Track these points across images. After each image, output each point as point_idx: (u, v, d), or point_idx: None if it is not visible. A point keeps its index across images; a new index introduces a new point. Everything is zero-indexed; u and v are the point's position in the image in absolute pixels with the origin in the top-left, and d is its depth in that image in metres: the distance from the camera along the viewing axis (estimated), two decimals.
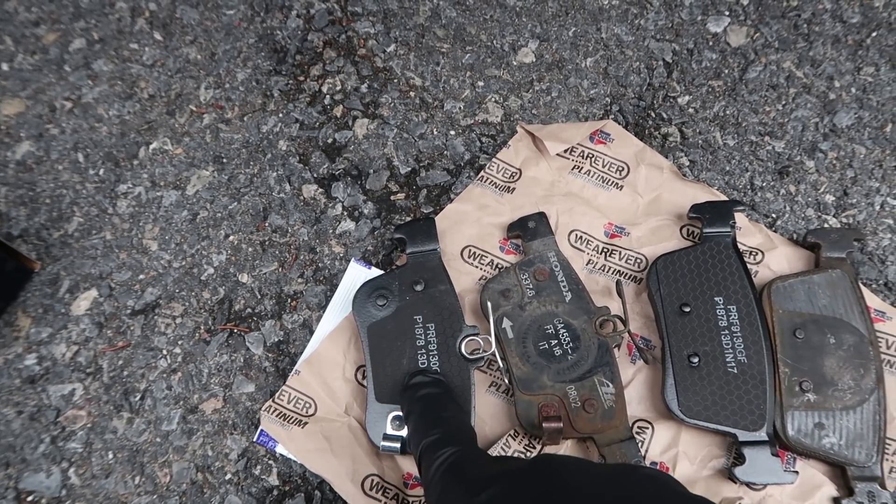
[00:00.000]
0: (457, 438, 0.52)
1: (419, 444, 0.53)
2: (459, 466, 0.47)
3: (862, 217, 0.77)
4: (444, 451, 0.49)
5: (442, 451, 0.50)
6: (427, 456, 0.51)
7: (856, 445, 0.63)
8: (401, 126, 0.85)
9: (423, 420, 0.56)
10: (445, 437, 0.52)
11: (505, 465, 0.45)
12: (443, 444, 0.51)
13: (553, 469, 0.41)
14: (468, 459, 0.48)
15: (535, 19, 0.91)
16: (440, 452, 0.50)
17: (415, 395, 0.61)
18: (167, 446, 0.70)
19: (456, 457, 0.49)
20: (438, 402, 0.59)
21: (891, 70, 0.84)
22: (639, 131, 0.83)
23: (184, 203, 0.82)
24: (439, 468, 0.48)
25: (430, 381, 0.63)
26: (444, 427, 0.53)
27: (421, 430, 0.55)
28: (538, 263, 0.72)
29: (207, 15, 0.95)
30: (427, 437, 0.53)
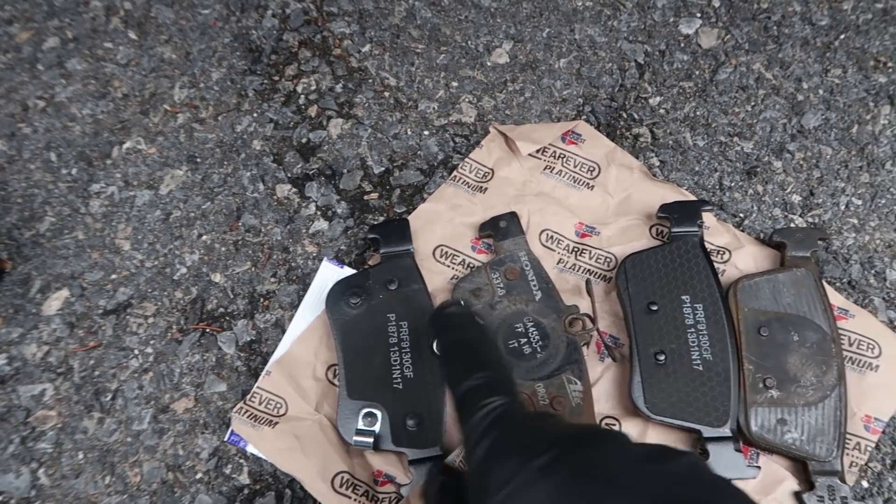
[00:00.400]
0: (503, 386, 0.48)
1: (461, 384, 0.49)
2: (509, 422, 0.44)
3: (827, 216, 0.78)
4: (492, 401, 0.46)
5: (489, 399, 0.46)
6: (471, 401, 0.47)
7: (817, 440, 0.64)
8: (375, 126, 0.86)
9: (465, 358, 0.52)
10: (492, 383, 0.48)
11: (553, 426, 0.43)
12: (489, 392, 0.47)
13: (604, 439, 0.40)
14: (517, 414, 0.45)
15: (510, 20, 0.92)
16: (488, 401, 0.46)
17: (452, 325, 0.57)
18: (138, 446, 0.70)
19: (503, 409, 0.45)
20: (480, 339, 0.55)
21: (857, 72, 0.86)
22: (610, 132, 0.84)
23: (157, 203, 0.82)
24: (486, 418, 0.45)
25: (467, 313, 0.59)
26: (489, 371, 0.50)
27: (462, 371, 0.50)
28: (509, 263, 0.73)
29: (182, 14, 0.95)
30: (470, 379, 0.49)
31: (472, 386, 0.48)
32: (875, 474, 0.67)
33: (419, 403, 0.67)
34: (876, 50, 0.87)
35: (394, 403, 0.67)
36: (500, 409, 0.45)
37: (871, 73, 0.86)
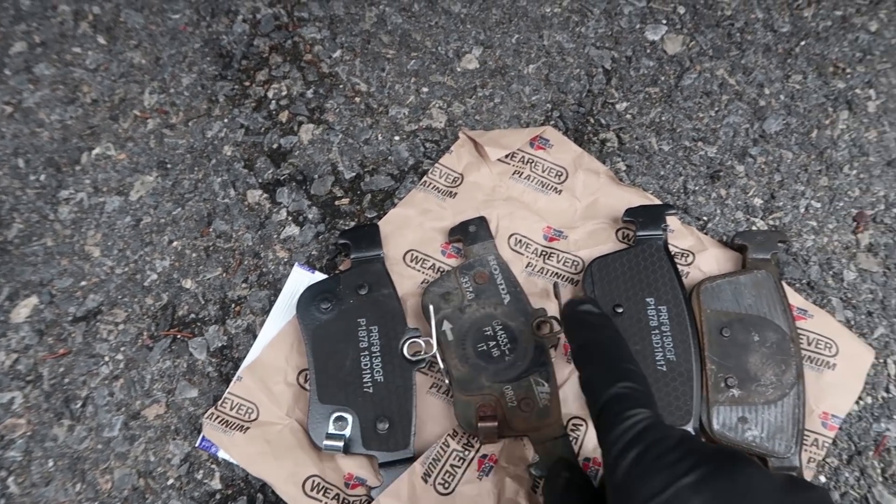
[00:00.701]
0: (647, 398, 0.48)
1: (603, 392, 0.49)
2: (654, 435, 0.44)
3: (788, 219, 0.80)
4: (637, 413, 0.46)
5: (634, 411, 0.46)
6: (614, 410, 0.47)
7: (776, 437, 0.66)
8: (346, 131, 0.86)
9: (605, 363, 0.52)
10: (636, 394, 0.48)
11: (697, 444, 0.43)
12: (634, 403, 0.47)
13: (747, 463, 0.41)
14: (663, 428, 0.45)
15: (480, 26, 0.93)
16: (633, 413, 0.46)
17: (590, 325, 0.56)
18: (109, 453, 0.71)
19: (649, 422, 0.46)
20: (620, 346, 0.54)
21: (817, 78, 0.88)
22: (578, 137, 0.86)
23: (127, 209, 0.82)
24: (631, 429, 0.45)
25: (602, 313, 0.58)
26: (631, 381, 0.49)
27: (604, 377, 0.50)
28: (478, 267, 0.74)
29: (152, 19, 0.95)
30: (614, 387, 0.49)
31: (616, 394, 0.48)
32: (832, 469, 0.69)
33: (389, 407, 0.68)
34: (835, 56, 0.89)
35: (364, 407, 0.67)
36: (644, 421, 0.46)
37: (830, 78, 0.88)
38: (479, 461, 0.66)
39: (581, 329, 0.57)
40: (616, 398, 0.48)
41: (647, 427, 0.45)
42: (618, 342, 0.55)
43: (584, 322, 0.57)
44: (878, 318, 0.75)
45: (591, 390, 0.51)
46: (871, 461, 0.69)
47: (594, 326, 0.56)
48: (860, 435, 0.70)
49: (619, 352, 0.54)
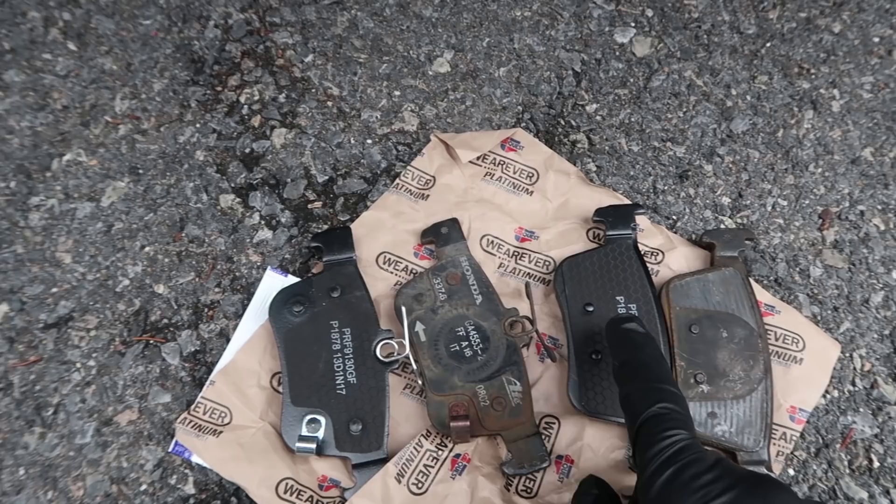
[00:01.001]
0: (684, 420, 0.51)
1: (642, 410, 0.51)
2: (690, 456, 0.47)
3: (755, 217, 0.81)
4: (674, 433, 0.48)
5: (672, 432, 0.49)
6: (652, 429, 0.50)
7: (745, 432, 0.67)
8: (318, 135, 0.87)
9: (646, 384, 0.54)
10: (674, 415, 0.50)
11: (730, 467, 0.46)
12: (671, 424, 0.49)
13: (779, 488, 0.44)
14: (698, 450, 0.47)
15: (451, 30, 0.94)
16: (671, 433, 0.48)
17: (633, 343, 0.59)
18: (81, 460, 0.70)
19: (685, 443, 0.48)
20: (661, 365, 0.57)
21: (783, 78, 0.89)
22: (549, 138, 0.86)
23: (98, 215, 0.82)
24: (667, 448, 0.47)
25: (646, 333, 0.60)
26: (670, 402, 0.51)
27: (643, 396, 0.53)
28: (450, 268, 0.75)
29: (123, 25, 0.94)
30: (654, 407, 0.51)
31: (654, 414, 0.51)
32: (800, 462, 0.70)
33: (363, 408, 0.68)
34: (800, 57, 0.91)
35: (337, 409, 0.68)
36: (681, 441, 0.48)
37: (795, 79, 0.89)
38: (452, 461, 0.67)
39: (624, 347, 0.60)
40: (655, 418, 0.50)
41: (683, 447, 0.47)
42: (659, 362, 0.57)
43: (627, 339, 0.60)
44: (843, 312, 0.76)
45: (631, 408, 0.54)
46: (838, 453, 0.70)
47: (637, 344, 0.59)
48: (827, 428, 0.71)
49: (659, 372, 0.56)
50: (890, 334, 0.75)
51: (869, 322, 0.76)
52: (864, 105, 0.88)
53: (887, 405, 0.72)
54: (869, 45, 0.91)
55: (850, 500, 0.68)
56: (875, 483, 0.69)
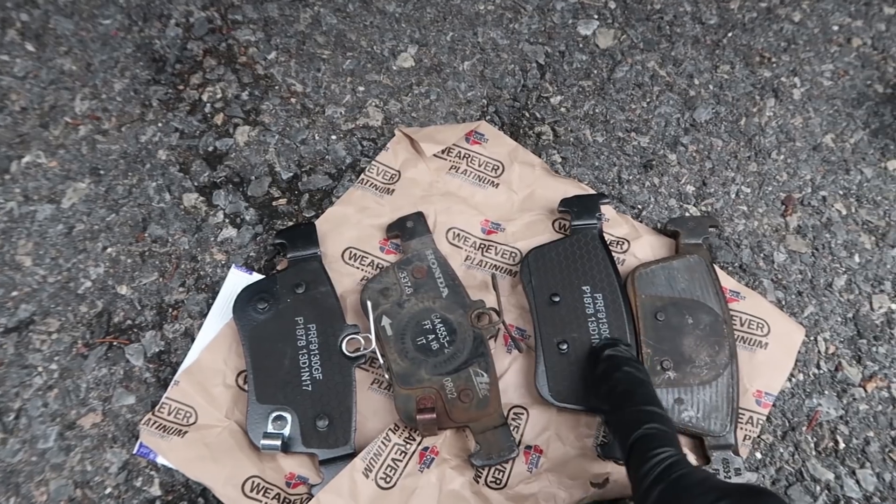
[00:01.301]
0: (670, 439, 0.54)
1: (632, 431, 0.55)
2: (679, 471, 0.50)
3: (719, 205, 0.82)
4: (662, 452, 0.52)
5: (661, 449, 0.52)
6: (641, 450, 0.53)
7: (712, 417, 0.67)
8: (282, 132, 0.86)
9: (633, 407, 0.58)
10: (661, 434, 0.54)
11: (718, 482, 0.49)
12: (660, 443, 0.53)
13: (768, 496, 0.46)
14: (685, 466, 0.51)
15: (414, 25, 0.94)
16: (660, 451, 0.52)
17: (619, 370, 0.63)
18: (44, 464, 0.69)
19: (674, 460, 0.51)
20: (646, 388, 0.61)
21: (744, 67, 0.90)
22: (514, 131, 0.87)
23: (59, 216, 0.81)
24: (656, 467, 0.51)
25: (630, 358, 0.65)
26: (657, 423, 0.55)
27: (633, 418, 0.57)
28: (416, 262, 0.74)
29: (83, 25, 0.93)
30: (641, 428, 0.55)
31: (643, 434, 0.55)
32: (767, 445, 0.70)
33: (329, 404, 0.67)
34: (761, 46, 0.92)
35: (303, 405, 0.67)
36: (670, 458, 0.51)
37: (756, 68, 0.90)
38: (420, 454, 0.66)
39: (609, 372, 0.64)
40: (644, 439, 0.54)
41: (672, 464, 0.51)
42: (642, 384, 0.62)
43: (610, 366, 0.64)
44: (807, 297, 0.77)
45: (621, 431, 0.58)
46: (804, 436, 0.71)
47: (620, 369, 0.63)
48: (793, 411, 0.72)
49: (646, 395, 0.60)
50: (853, 317, 0.76)
51: (832, 305, 0.77)
52: (824, 92, 0.88)
53: (851, 387, 0.73)
54: (828, 34, 0.92)
55: (817, 482, 0.69)
56: (841, 464, 0.70)
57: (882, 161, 0.84)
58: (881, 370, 0.73)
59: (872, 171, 0.83)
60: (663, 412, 0.57)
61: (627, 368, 0.62)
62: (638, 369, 0.63)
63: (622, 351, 0.66)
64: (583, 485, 0.65)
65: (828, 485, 0.69)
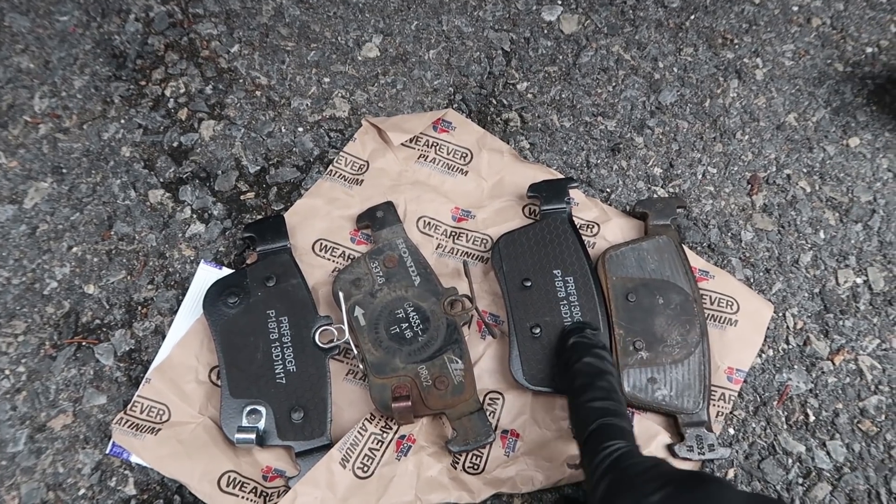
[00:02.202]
0: (622, 432, 0.55)
1: (588, 424, 0.57)
2: (626, 462, 0.51)
3: (686, 186, 0.83)
4: (613, 444, 0.53)
5: (611, 442, 0.53)
6: (595, 441, 0.54)
7: (685, 395, 0.68)
8: (248, 126, 0.85)
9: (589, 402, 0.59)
10: (613, 428, 0.55)
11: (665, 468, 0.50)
12: (611, 435, 0.54)
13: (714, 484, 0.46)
14: (634, 457, 0.52)
15: (378, 14, 0.93)
16: (610, 444, 0.53)
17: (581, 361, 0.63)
18: (14, 468, 0.68)
19: (623, 452, 0.52)
20: (604, 380, 0.61)
21: (707, 49, 0.91)
22: (482, 118, 0.86)
23: (21, 217, 0.79)
24: (606, 459, 0.52)
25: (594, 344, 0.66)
26: (610, 417, 0.57)
27: (591, 411, 0.58)
28: (387, 251, 0.74)
29: (39, 22, 0.91)
30: (592, 423, 0.56)
31: (598, 427, 0.56)
32: (740, 421, 0.71)
33: (304, 396, 0.67)
34: (723, 28, 0.93)
35: (278, 398, 0.67)
36: (620, 451, 0.53)
37: (719, 50, 0.91)
38: (397, 442, 0.66)
39: (570, 361, 0.64)
40: (596, 432, 0.56)
41: (621, 455, 0.52)
42: (600, 375, 0.62)
43: (574, 354, 0.65)
44: (775, 274, 0.78)
45: (578, 420, 0.60)
46: (775, 410, 0.72)
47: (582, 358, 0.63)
48: (764, 386, 0.73)
49: (600, 387, 0.60)
50: (820, 292, 0.77)
51: (799, 282, 0.78)
52: (786, 72, 0.90)
53: (820, 360, 0.74)
54: (789, 14, 0.94)
55: (789, 454, 0.70)
56: (812, 436, 0.71)
57: (844, 138, 0.85)
58: (848, 343, 0.75)
59: (835, 148, 0.84)
60: (618, 405, 0.59)
61: (588, 359, 0.63)
62: (600, 357, 0.64)
63: (588, 337, 0.67)
64: (559, 467, 0.66)
65: (799, 457, 0.70)
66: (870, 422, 0.71)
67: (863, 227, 0.80)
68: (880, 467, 0.69)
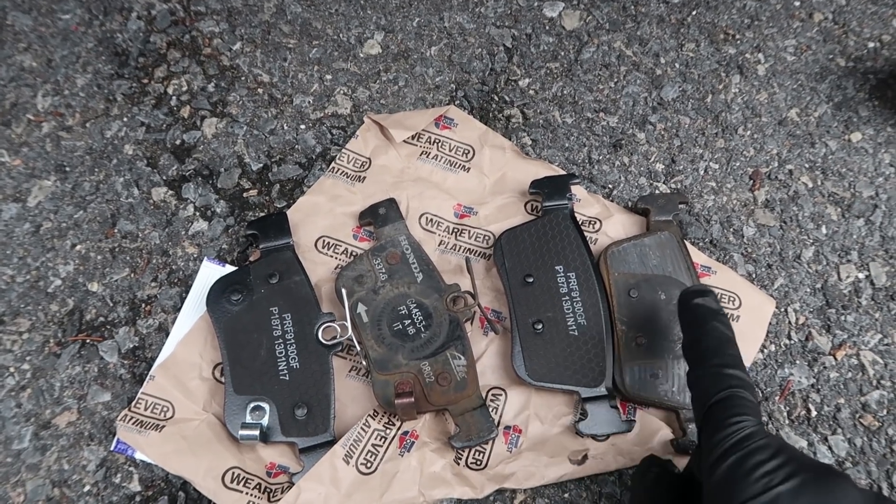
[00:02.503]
0: (753, 407, 0.50)
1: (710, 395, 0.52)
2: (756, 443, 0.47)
3: (689, 182, 0.83)
4: (742, 419, 0.49)
5: (739, 417, 0.49)
6: (720, 413, 0.50)
7: (687, 390, 0.68)
8: (250, 123, 0.85)
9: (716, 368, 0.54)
10: (742, 401, 0.51)
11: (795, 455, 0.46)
12: (739, 410, 0.50)
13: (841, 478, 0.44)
14: (763, 436, 0.48)
15: (380, 11, 0.93)
16: (738, 419, 0.49)
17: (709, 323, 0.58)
18: (19, 465, 0.68)
19: (752, 430, 0.48)
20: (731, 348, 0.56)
21: (709, 45, 0.91)
22: (483, 115, 0.87)
23: (25, 215, 0.79)
24: (734, 434, 0.48)
25: (720, 311, 0.59)
26: (739, 388, 0.52)
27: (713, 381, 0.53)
28: (390, 248, 0.74)
29: (41, 21, 0.91)
30: (721, 391, 0.51)
31: (723, 398, 0.51)
32: None
33: (307, 392, 0.67)
34: (725, 24, 0.92)
35: (281, 395, 0.67)
36: (748, 428, 0.48)
37: (721, 45, 0.91)
38: (400, 438, 0.67)
39: (695, 324, 0.59)
40: (723, 403, 0.51)
41: (749, 434, 0.48)
42: (729, 343, 0.57)
43: (699, 316, 0.59)
44: (777, 269, 0.78)
45: (700, 390, 0.54)
46: (777, 405, 0.72)
47: (708, 324, 0.58)
48: (766, 381, 0.73)
49: (730, 354, 0.55)
50: (822, 287, 0.77)
51: (801, 277, 0.78)
52: (788, 67, 0.90)
53: (822, 356, 0.74)
54: (790, 9, 0.93)
55: None
56: (813, 431, 0.71)
57: (846, 133, 0.85)
58: (850, 338, 0.75)
59: (837, 143, 0.84)
60: (748, 378, 0.53)
61: (716, 323, 0.58)
62: (727, 326, 0.58)
63: (712, 303, 0.60)
64: (562, 462, 0.66)
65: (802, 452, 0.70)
66: (871, 416, 0.71)
67: (865, 222, 0.80)
68: (882, 462, 0.69)
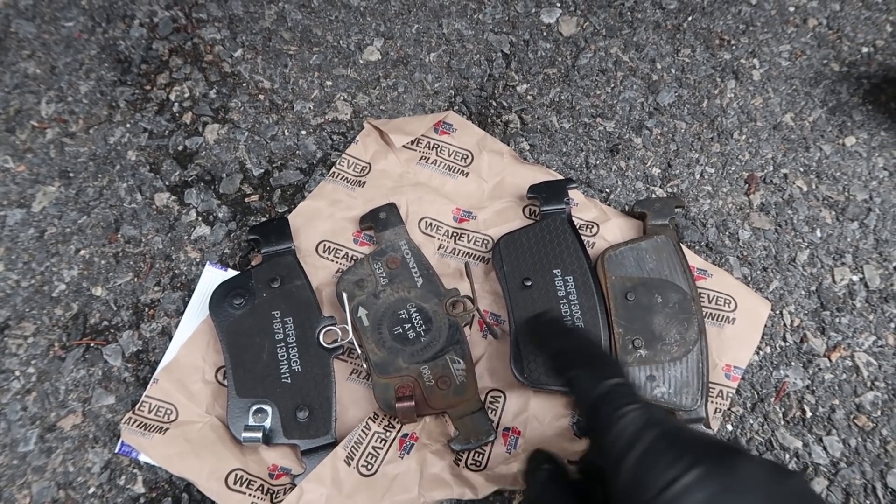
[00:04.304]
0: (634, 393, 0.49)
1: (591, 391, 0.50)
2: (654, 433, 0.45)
3: (685, 186, 0.84)
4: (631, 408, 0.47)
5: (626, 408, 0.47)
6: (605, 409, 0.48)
7: (683, 392, 0.69)
8: (252, 129, 0.86)
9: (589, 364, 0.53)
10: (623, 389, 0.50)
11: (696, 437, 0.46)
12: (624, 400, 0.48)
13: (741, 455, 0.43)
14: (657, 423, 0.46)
15: (379, 18, 0.94)
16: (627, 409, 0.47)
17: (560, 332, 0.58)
18: (25, 468, 0.69)
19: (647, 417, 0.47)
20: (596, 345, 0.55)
21: (705, 50, 0.92)
22: (482, 120, 0.88)
23: (30, 221, 0.80)
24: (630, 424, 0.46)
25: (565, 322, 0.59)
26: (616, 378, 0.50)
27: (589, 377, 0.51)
28: (390, 252, 0.75)
29: (45, 28, 0.92)
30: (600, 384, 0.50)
31: (605, 391, 0.50)
32: (738, 417, 0.73)
33: (309, 395, 0.68)
34: (720, 29, 0.94)
35: (283, 397, 0.68)
36: (640, 417, 0.47)
37: (716, 50, 0.92)
38: (400, 441, 0.68)
39: (552, 337, 0.61)
40: (606, 395, 0.50)
41: (646, 423, 0.46)
42: (593, 342, 0.59)
43: (554, 330, 0.62)
44: (772, 272, 0.79)
45: (579, 390, 0.53)
46: (772, 407, 0.73)
47: (565, 332, 0.61)
48: (762, 383, 0.74)
49: (596, 351, 0.56)
50: (816, 290, 0.78)
51: (796, 280, 0.79)
52: (782, 73, 0.91)
53: (817, 357, 0.75)
54: (785, 15, 0.95)
55: (786, 450, 0.71)
56: (808, 432, 0.72)
57: (840, 138, 0.86)
58: (844, 340, 0.76)
59: (831, 147, 0.85)
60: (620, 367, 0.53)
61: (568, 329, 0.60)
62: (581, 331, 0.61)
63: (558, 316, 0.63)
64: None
65: (796, 453, 0.71)
66: (866, 417, 0.72)
67: (859, 225, 0.81)
68: (876, 462, 0.70)
